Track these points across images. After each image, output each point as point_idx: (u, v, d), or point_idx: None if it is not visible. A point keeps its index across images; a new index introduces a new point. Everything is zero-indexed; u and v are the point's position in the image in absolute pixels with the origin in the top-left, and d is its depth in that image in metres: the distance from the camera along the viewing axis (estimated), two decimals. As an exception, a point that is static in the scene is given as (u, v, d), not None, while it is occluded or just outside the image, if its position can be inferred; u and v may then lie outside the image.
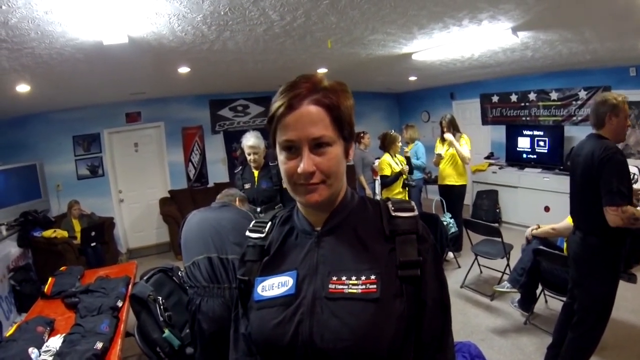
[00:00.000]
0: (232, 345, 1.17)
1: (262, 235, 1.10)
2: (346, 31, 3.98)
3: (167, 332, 2.60)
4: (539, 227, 3.97)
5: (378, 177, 6.49)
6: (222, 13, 3.17)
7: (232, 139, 8.10)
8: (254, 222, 1.16)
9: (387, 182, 5.44)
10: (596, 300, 2.82)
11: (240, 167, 4.20)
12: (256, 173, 4.03)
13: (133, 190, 7.73)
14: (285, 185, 0.99)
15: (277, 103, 0.92)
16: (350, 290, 0.92)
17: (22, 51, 3.42)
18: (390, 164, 5.43)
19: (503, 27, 3.96)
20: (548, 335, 3.70)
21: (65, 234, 5.74)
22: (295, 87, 0.92)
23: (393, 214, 1.01)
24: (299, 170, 0.91)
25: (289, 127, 0.91)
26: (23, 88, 4.63)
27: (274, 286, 1.00)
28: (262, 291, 1.01)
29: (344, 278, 0.93)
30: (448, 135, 5.54)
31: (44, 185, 6.45)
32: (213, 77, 6.11)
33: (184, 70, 5.17)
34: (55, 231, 5.66)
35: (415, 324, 0.96)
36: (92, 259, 5.72)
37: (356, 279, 0.92)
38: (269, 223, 1.13)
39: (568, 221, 3.70)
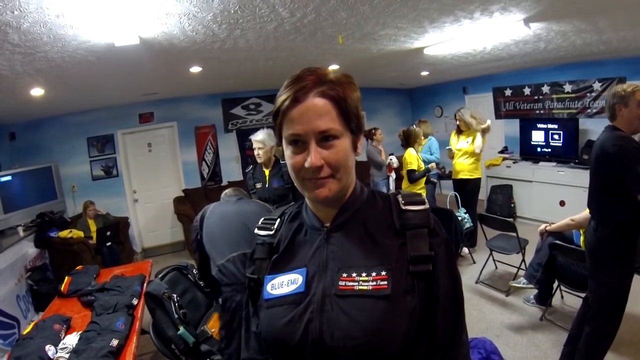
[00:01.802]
0: (243, 344, 1.17)
1: (271, 232, 1.09)
2: (357, 27, 3.97)
3: (181, 329, 2.61)
4: (551, 225, 3.94)
5: (392, 173, 6.48)
6: (232, 11, 3.17)
7: (245, 137, 7.97)
8: (262, 219, 1.15)
9: (416, 177, 5.42)
10: (609, 293, 2.79)
11: (251, 166, 4.21)
12: (267, 172, 4.03)
13: (147, 190, 7.79)
14: (293, 180, 0.98)
15: (282, 97, 0.91)
16: (360, 287, 0.90)
17: (35, 55, 3.46)
18: (418, 158, 5.43)
19: (515, 19, 3.91)
20: (564, 331, 3.65)
21: (81, 234, 5.81)
22: (300, 80, 0.91)
23: (403, 207, 0.99)
24: (307, 164, 0.89)
25: (294, 121, 0.90)
26: (37, 92, 4.69)
27: (284, 284, 0.99)
28: (271, 289, 1.00)
29: (354, 274, 0.92)
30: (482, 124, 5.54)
31: (59, 187, 6.52)
32: (225, 75, 6.12)
33: (195, 69, 5.19)
34: (71, 231, 5.72)
35: (427, 321, 0.94)
36: (108, 258, 5.79)
37: (366, 276, 0.91)
38: (278, 220, 1.12)
39: (588, 211, 3.66)
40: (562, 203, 6.39)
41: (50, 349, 2.56)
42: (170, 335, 2.63)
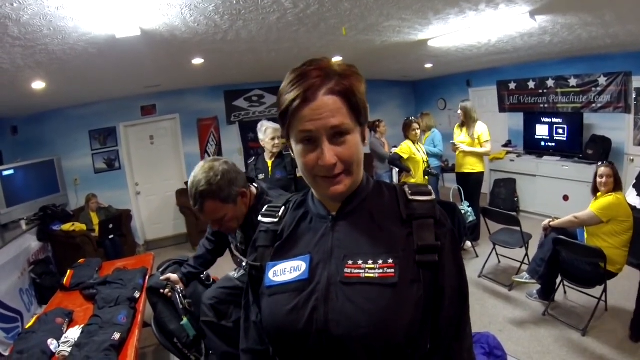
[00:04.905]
0: (242, 334, 1.17)
1: (276, 220, 1.09)
2: (360, 18, 3.93)
3: (185, 320, 2.60)
4: (554, 220, 3.94)
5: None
6: (234, 2, 3.15)
7: (248, 129, 8.08)
8: (266, 206, 1.14)
9: (396, 164, 5.59)
10: None
11: (254, 157, 4.20)
12: (270, 163, 4.02)
13: (150, 182, 7.78)
14: (305, 178, 0.97)
15: (289, 95, 0.88)
16: (367, 275, 0.89)
17: (36, 48, 3.44)
18: (410, 147, 5.45)
19: (520, 11, 3.87)
20: (567, 327, 3.66)
21: (83, 227, 5.82)
22: (306, 77, 0.88)
23: (410, 197, 0.98)
24: (321, 163, 0.88)
25: (305, 119, 0.88)
26: (38, 85, 4.67)
27: (286, 271, 0.98)
28: (273, 276, 1.00)
29: (360, 262, 0.91)
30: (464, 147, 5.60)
31: (62, 180, 6.53)
32: (227, 67, 6.10)
33: (197, 61, 5.16)
34: (73, 224, 5.74)
35: (432, 311, 0.94)
36: (111, 251, 5.80)
37: (373, 263, 0.90)
38: (283, 207, 1.11)
39: (590, 209, 3.64)
40: (565, 198, 6.36)
41: (52, 343, 2.56)
42: (172, 328, 2.62)
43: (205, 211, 1.89)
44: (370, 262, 0.90)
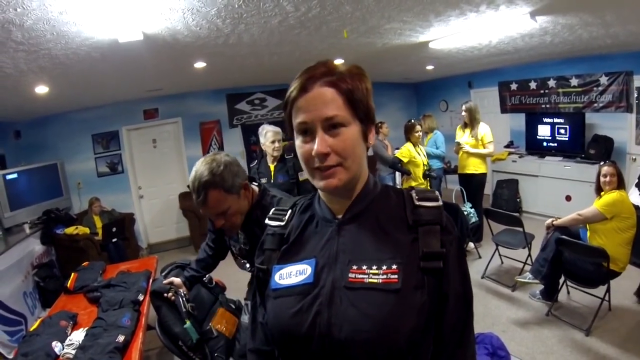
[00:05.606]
0: (249, 334, 1.18)
1: (282, 223, 1.10)
2: (362, 20, 3.94)
3: (188, 323, 2.60)
4: (557, 219, 3.94)
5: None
6: (236, 6, 3.15)
7: (250, 132, 8.08)
8: (273, 209, 1.15)
9: (397, 168, 5.61)
10: None
11: (256, 161, 4.21)
12: (272, 167, 4.03)
13: (152, 185, 7.80)
14: (305, 172, 0.98)
15: (291, 87, 0.92)
16: (370, 280, 0.90)
17: (39, 53, 3.45)
18: (410, 150, 5.46)
19: (521, 12, 3.87)
20: (570, 327, 3.66)
21: (86, 230, 5.83)
22: (309, 70, 0.92)
23: (417, 203, 0.98)
24: (313, 152, 0.89)
25: (301, 109, 0.91)
26: (42, 89, 4.70)
27: (292, 274, 0.99)
28: (279, 279, 1.00)
29: (364, 267, 0.91)
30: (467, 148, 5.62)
31: (65, 184, 6.55)
32: (229, 71, 6.11)
33: (200, 65, 5.17)
34: (77, 228, 5.75)
35: (435, 318, 0.94)
36: (114, 254, 5.81)
37: (377, 269, 0.90)
38: (289, 211, 1.12)
39: (595, 206, 3.64)
40: (568, 198, 6.36)
41: (56, 345, 2.57)
42: (177, 331, 2.62)
43: (209, 202, 1.85)
44: (374, 267, 0.91)
